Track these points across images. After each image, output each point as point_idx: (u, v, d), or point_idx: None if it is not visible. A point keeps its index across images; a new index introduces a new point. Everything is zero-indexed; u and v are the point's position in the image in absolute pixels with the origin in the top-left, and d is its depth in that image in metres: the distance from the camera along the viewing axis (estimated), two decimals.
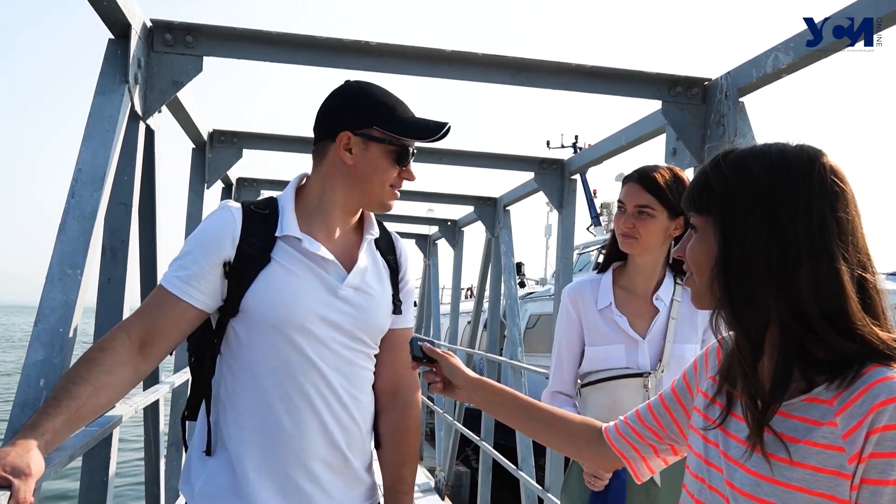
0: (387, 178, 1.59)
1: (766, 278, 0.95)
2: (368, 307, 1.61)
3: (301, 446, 1.52)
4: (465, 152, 4.80)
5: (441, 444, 7.86)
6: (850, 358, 0.92)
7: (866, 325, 0.93)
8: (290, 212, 1.58)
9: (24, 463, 1.20)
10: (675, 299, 2.00)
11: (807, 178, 0.95)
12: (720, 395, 1.08)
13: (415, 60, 2.84)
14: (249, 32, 2.67)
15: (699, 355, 1.20)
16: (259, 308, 1.51)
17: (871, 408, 0.88)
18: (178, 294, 1.50)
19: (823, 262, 0.93)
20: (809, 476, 0.91)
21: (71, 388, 1.36)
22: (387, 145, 1.57)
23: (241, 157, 4.20)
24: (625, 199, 1.98)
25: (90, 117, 2.15)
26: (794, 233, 0.94)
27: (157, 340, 1.50)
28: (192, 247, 1.54)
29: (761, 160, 0.98)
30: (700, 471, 1.08)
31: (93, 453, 2.21)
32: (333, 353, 1.56)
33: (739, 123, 2.67)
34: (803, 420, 0.94)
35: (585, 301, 2.05)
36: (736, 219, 0.98)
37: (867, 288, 0.96)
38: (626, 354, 1.98)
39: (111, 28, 2.28)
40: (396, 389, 1.72)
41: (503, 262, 5.72)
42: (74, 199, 1.99)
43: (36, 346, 1.76)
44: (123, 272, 2.38)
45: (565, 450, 1.45)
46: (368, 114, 1.57)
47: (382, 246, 1.71)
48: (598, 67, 2.95)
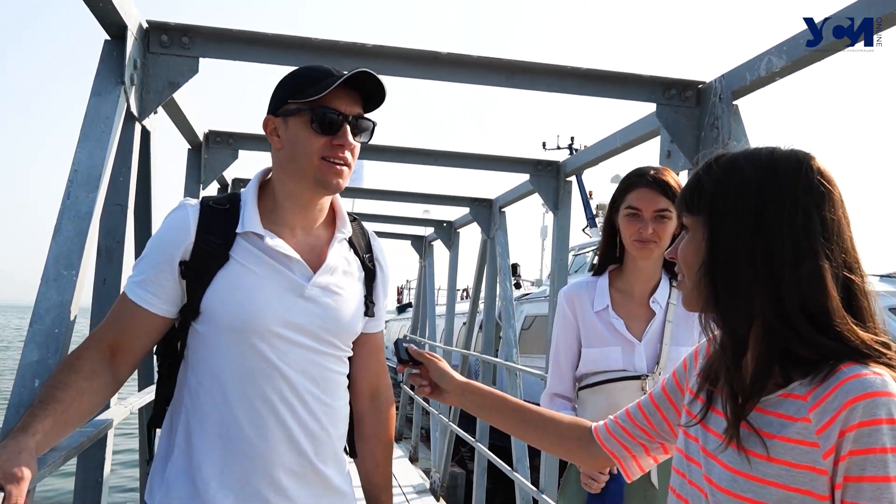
0: (312, 149, 1.46)
1: (751, 275, 0.97)
2: (337, 307, 1.53)
3: (264, 455, 1.45)
4: (461, 154, 4.81)
5: (436, 445, 7.86)
6: (829, 355, 0.94)
7: (846, 323, 0.94)
8: (251, 207, 1.50)
9: (16, 466, 1.18)
10: (672, 302, 2.00)
11: (793, 178, 0.97)
12: (702, 391, 1.09)
13: (411, 62, 2.85)
14: (245, 34, 2.67)
15: (689, 354, 1.21)
16: (218, 309, 1.45)
17: (843, 403, 0.89)
18: (137, 301, 1.46)
19: (807, 260, 0.95)
20: (784, 471, 0.93)
21: (54, 392, 1.34)
22: (303, 114, 1.46)
23: (237, 158, 4.21)
24: (640, 205, 1.93)
25: (86, 118, 2.15)
26: (779, 231, 0.96)
27: (127, 349, 1.47)
28: (148, 250, 1.51)
29: (751, 162, 1.00)
30: (681, 466, 1.10)
31: (87, 454, 2.21)
32: (299, 357, 1.48)
33: (733, 126, 2.68)
34: (778, 416, 0.96)
35: (582, 303, 2.04)
36: (724, 218, 1.00)
37: (853, 289, 0.97)
38: (623, 356, 1.97)
39: (107, 29, 2.29)
40: (375, 393, 1.69)
41: (499, 264, 5.74)
42: (70, 199, 1.99)
43: (31, 346, 1.76)
44: (119, 273, 2.38)
45: (555, 451, 1.45)
46: (282, 91, 1.50)
47: (358, 245, 1.64)
48: (593, 70, 2.96)
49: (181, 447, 1.48)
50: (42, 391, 1.37)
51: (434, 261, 9.08)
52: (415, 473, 7.90)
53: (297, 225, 1.54)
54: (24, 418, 1.31)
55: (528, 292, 13.33)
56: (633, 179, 1.97)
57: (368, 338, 1.67)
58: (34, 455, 1.24)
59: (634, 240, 1.95)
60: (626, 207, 1.96)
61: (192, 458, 1.46)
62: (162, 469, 1.50)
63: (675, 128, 2.91)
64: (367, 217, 7.61)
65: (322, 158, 1.46)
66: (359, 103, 1.51)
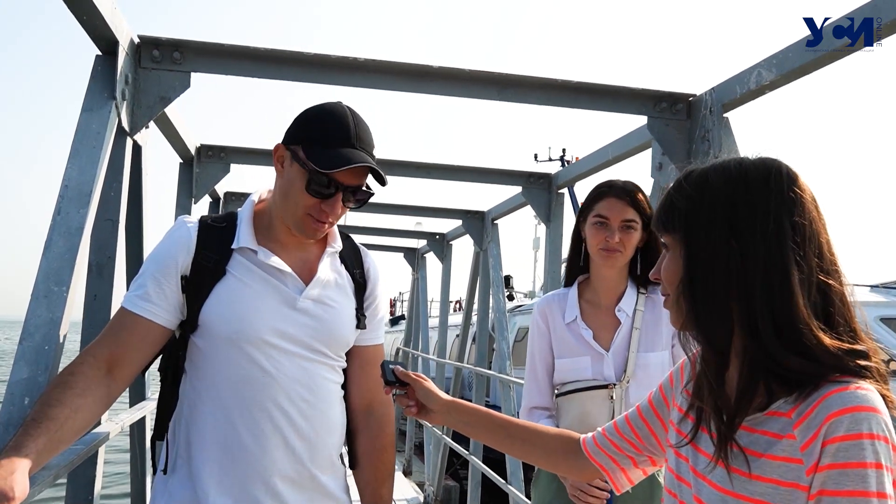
0: (301, 203, 1.51)
1: (726, 286, 0.97)
2: (328, 319, 1.59)
3: (261, 462, 1.51)
4: (453, 166, 4.81)
5: (430, 458, 7.83)
6: (799, 373, 0.93)
7: (811, 330, 0.93)
8: (246, 224, 1.57)
9: (7, 486, 1.18)
10: (639, 309, 2.03)
11: (763, 186, 0.98)
12: (692, 409, 1.09)
13: (402, 76, 2.86)
14: (237, 49, 2.67)
15: (675, 368, 1.21)
16: (215, 322, 1.51)
17: (825, 418, 0.89)
18: (137, 312, 1.50)
19: (777, 269, 0.95)
20: (772, 490, 0.93)
21: (48, 410, 1.35)
22: (304, 171, 1.50)
23: (229, 172, 4.20)
24: (608, 214, 1.99)
25: (77, 133, 2.15)
26: (751, 240, 0.96)
27: (124, 362, 1.49)
28: (148, 265, 1.55)
29: (721, 174, 1.01)
30: (672, 486, 1.10)
31: (77, 472, 2.19)
32: (293, 366, 1.54)
33: (724, 138, 2.70)
34: (765, 434, 0.96)
35: (554, 315, 2.09)
36: (699, 231, 1.00)
37: (829, 294, 0.96)
38: (593, 366, 2.01)
39: (98, 44, 2.28)
40: (370, 407, 1.71)
41: (491, 276, 5.73)
42: (61, 215, 1.98)
43: (21, 364, 1.74)
44: (110, 289, 2.37)
45: (543, 464, 1.47)
46: (301, 132, 1.53)
47: (349, 260, 1.69)
48: (583, 83, 2.97)
49: (182, 457, 1.55)
50: (35, 408, 1.38)
51: (427, 273, 9.08)
52: (409, 487, 7.87)
53: (290, 241, 1.60)
54: (16, 437, 1.31)
55: (521, 304, 13.33)
56: (603, 190, 2.03)
57: (362, 350, 1.70)
58: (27, 474, 1.24)
59: (600, 248, 2.00)
60: (595, 216, 2.02)
61: (193, 466, 1.52)
62: (165, 479, 1.57)
63: (667, 140, 2.92)
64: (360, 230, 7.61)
65: (307, 214, 1.53)
66: (363, 175, 1.54)
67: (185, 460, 1.54)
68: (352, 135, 1.50)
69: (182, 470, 1.54)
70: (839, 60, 2.21)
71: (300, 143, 1.52)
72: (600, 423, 1.93)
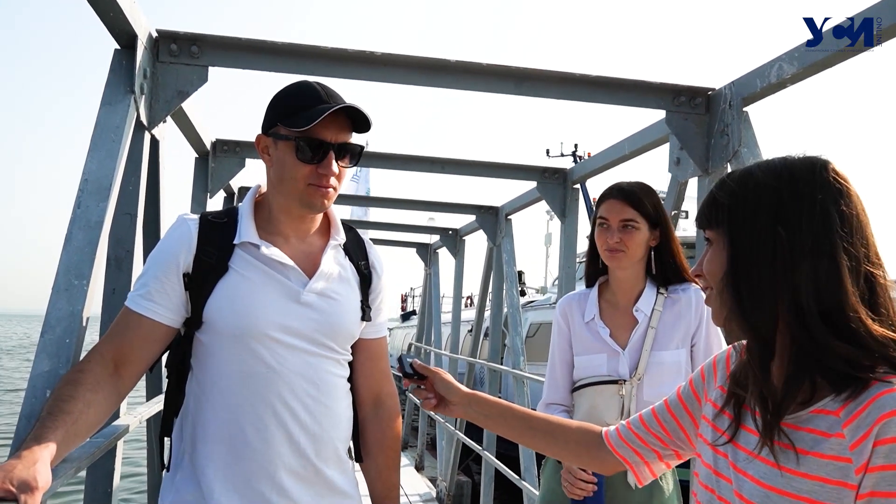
0: (298, 175, 1.51)
1: (771, 275, 0.97)
2: (333, 312, 1.58)
3: (266, 457, 1.50)
4: (468, 161, 4.80)
5: (442, 453, 7.84)
6: (846, 360, 0.92)
7: (860, 317, 0.93)
8: (247, 219, 1.57)
9: (30, 476, 1.19)
10: (657, 309, 2.07)
11: (809, 177, 0.98)
12: (728, 405, 1.08)
13: (420, 70, 2.85)
14: (254, 43, 2.67)
15: (706, 364, 1.20)
16: (219, 318, 1.50)
17: (877, 418, 0.88)
18: (141, 312, 1.50)
19: (825, 255, 0.94)
20: (818, 487, 0.92)
21: (62, 405, 1.36)
22: (290, 142, 1.50)
23: (244, 167, 4.21)
24: (608, 216, 2.05)
25: (96, 127, 2.15)
26: (798, 228, 0.96)
27: (130, 361, 1.50)
28: (150, 264, 1.55)
29: (765, 168, 1.01)
30: (710, 481, 1.09)
31: (97, 464, 2.20)
32: (297, 361, 1.53)
33: (743, 133, 2.67)
34: (811, 431, 0.95)
35: (574, 314, 2.16)
36: (743, 223, 1.00)
37: (875, 283, 0.96)
38: (608, 363, 2.07)
39: (117, 38, 2.29)
40: (377, 399, 1.72)
41: (504, 271, 5.72)
42: (80, 209, 1.99)
43: (42, 356, 1.75)
44: (128, 282, 2.38)
45: (564, 457, 1.46)
46: (272, 113, 1.54)
47: (353, 252, 1.68)
48: (602, 77, 2.96)
49: (188, 453, 1.54)
50: (49, 403, 1.39)
51: (439, 268, 9.08)
52: (421, 482, 7.88)
53: (292, 234, 1.60)
54: (35, 429, 1.32)
55: (533, 300, 13.31)
56: (605, 193, 2.10)
57: (367, 343, 1.70)
58: (48, 465, 1.25)
59: (604, 249, 2.06)
60: (598, 219, 2.09)
61: (198, 463, 1.52)
62: (172, 476, 1.56)
63: (685, 135, 2.90)
64: (372, 225, 7.60)
65: (308, 184, 1.52)
66: (346, 128, 1.54)
67: (191, 457, 1.53)
68: (322, 95, 1.52)
69: (188, 466, 1.54)
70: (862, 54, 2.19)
71: (278, 122, 1.52)
72: (609, 417, 2.00)
